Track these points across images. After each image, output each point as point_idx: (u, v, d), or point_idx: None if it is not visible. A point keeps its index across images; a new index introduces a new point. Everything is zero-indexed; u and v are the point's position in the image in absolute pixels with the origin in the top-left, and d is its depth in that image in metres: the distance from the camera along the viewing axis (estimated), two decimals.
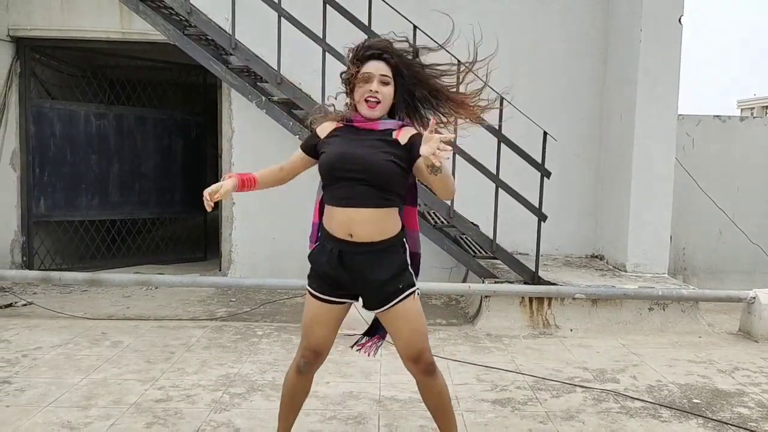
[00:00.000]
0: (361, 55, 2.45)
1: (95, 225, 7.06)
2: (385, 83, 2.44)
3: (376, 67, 2.43)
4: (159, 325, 4.90)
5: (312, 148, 2.60)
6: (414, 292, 2.50)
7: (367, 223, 2.41)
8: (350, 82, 2.48)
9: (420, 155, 2.18)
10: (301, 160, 2.66)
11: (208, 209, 2.53)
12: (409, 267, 2.53)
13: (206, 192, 2.47)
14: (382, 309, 2.49)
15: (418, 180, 2.53)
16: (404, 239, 2.54)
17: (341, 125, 2.55)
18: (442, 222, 5.45)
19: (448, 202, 5.20)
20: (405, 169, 2.42)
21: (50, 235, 6.85)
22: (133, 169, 7.21)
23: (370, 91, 2.42)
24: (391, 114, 2.54)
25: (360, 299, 2.58)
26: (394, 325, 2.51)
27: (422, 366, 2.50)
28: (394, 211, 2.48)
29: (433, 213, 5.71)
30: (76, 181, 6.82)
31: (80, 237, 6.99)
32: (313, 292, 2.55)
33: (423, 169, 2.24)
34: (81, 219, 6.94)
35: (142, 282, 5.34)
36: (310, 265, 2.58)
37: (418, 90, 2.52)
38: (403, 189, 2.49)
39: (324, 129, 2.58)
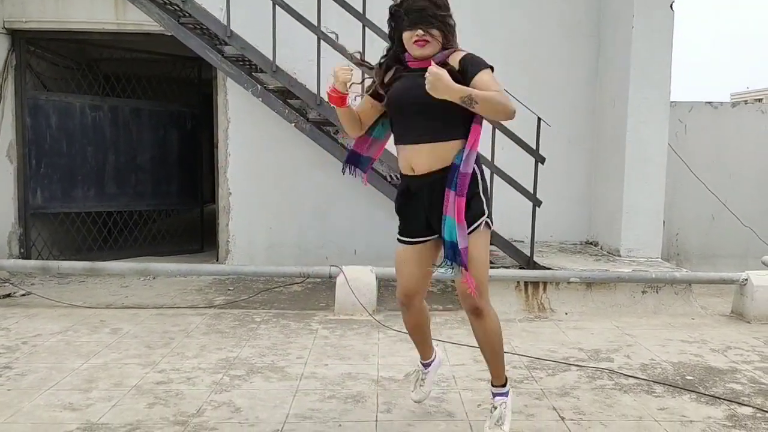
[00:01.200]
0: (396, 24, 2.60)
1: (92, 217, 7.08)
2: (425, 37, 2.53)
3: (412, 35, 2.54)
4: (158, 312, 4.93)
5: (376, 92, 2.72)
6: (482, 222, 2.59)
7: (426, 155, 2.56)
8: (397, 30, 2.60)
9: (473, 76, 2.45)
10: (370, 105, 2.77)
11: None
12: (481, 194, 2.61)
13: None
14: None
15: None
16: (475, 169, 2.58)
17: (399, 69, 2.64)
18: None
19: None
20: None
21: (47, 226, 6.87)
22: (129, 161, 7.23)
23: (418, 33, 2.52)
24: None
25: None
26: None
27: (473, 304, 2.64)
28: (456, 142, 2.56)
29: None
30: (72, 172, 6.83)
31: (77, 229, 7.02)
32: (398, 237, 2.79)
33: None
34: (78, 211, 6.96)
35: (140, 271, 5.37)
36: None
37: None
38: (464, 114, 2.49)
39: (385, 75, 2.69)
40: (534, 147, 5.02)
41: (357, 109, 2.78)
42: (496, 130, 5.04)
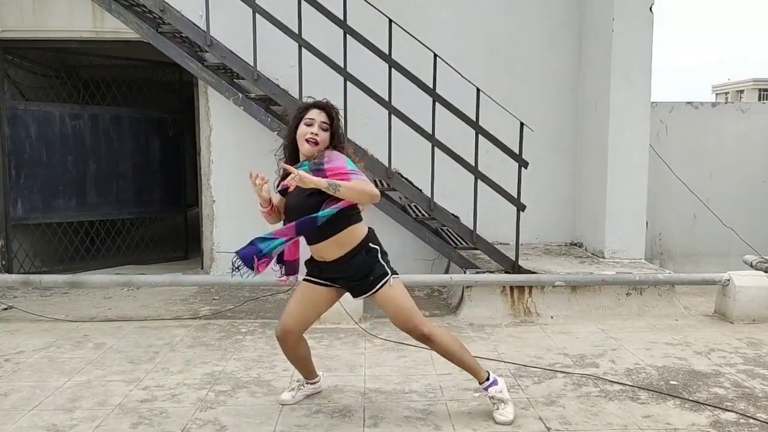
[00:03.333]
0: (305, 105, 3.04)
1: (74, 226, 7.00)
2: (324, 128, 2.98)
3: (318, 114, 2.98)
4: (142, 325, 4.89)
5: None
6: (387, 281, 3.03)
7: (332, 249, 3.01)
8: (295, 127, 3.03)
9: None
10: (280, 200, 3.19)
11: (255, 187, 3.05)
12: (380, 259, 3.05)
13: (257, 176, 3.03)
14: (367, 295, 3.07)
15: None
16: (369, 243, 3.05)
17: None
18: (423, 215, 5.49)
19: (428, 195, 5.24)
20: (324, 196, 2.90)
21: (28, 237, 6.78)
22: (111, 169, 7.15)
23: (311, 133, 2.95)
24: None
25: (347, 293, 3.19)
26: (384, 308, 3.10)
27: (417, 336, 3.07)
28: (350, 228, 3.01)
29: (414, 206, 5.76)
30: (53, 182, 6.74)
31: (59, 239, 6.93)
32: (306, 277, 3.17)
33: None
34: (59, 221, 6.87)
35: (123, 282, 5.32)
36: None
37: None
38: (344, 206, 2.94)
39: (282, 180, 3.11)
40: (517, 152, 5.03)
41: (276, 203, 3.16)
42: (479, 135, 5.05)
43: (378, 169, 5.24)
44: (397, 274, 3.12)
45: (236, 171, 6.44)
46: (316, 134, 2.96)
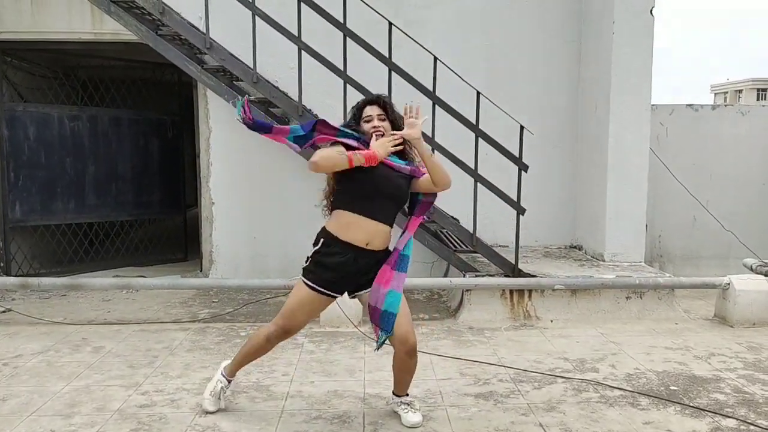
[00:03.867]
0: (358, 105, 3.16)
1: (72, 228, 6.99)
2: (382, 119, 3.07)
3: (372, 110, 3.09)
4: (141, 328, 4.88)
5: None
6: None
7: (383, 235, 3.05)
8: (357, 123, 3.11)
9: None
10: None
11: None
12: None
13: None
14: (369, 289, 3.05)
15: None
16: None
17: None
18: (423, 218, 5.47)
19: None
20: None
21: (27, 240, 6.77)
22: (110, 171, 7.14)
23: (374, 127, 3.05)
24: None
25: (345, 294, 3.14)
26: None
27: (409, 347, 3.07)
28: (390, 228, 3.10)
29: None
30: (51, 184, 6.73)
31: (57, 241, 6.92)
32: (311, 284, 3.03)
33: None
34: (58, 223, 6.86)
35: (122, 286, 5.30)
36: (310, 261, 3.06)
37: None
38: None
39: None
40: (517, 155, 5.02)
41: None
42: (479, 138, 5.04)
43: None
44: None
45: (235, 173, 6.43)
46: (379, 126, 3.05)
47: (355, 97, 5.11)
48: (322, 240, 3.04)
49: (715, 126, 6.97)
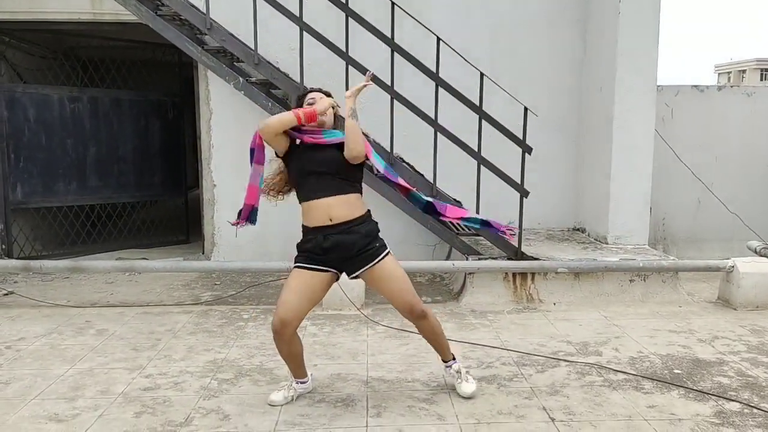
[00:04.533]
0: (302, 93, 3.29)
1: (74, 210, 6.97)
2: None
3: (316, 94, 3.19)
4: (144, 311, 4.88)
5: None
6: (389, 251, 3.13)
7: (342, 207, 3.06)
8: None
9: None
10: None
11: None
12: (379, 234, 3.15)
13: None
14: (369, 266, 3.07)
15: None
16: (370, 217, 3.18)
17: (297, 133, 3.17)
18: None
19: (431, 180, 5.20)
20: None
21: (29, 222, 6.75)
22: (111, 153, 7.09)
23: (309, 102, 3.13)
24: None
25: (343, 273, 3.17)
26: (383, 287, 3.12)
27: (415, 315, 3.15)
28: (359, 195, 3.15)
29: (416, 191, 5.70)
30: (52, 166, 6.69)
31: (59, 223, 6.91)
32: (297, 265, 3.11)
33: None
34: (59, 205, 6.84)
35: (124, 269, 5.30)
36: (296, 251, 3.17)
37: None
38: (361, 175, 3.18)
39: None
40: (521, 137, 4.97)
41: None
42: (482, 120, 4.99)
43: (379, 154, 5.18)
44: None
45: (237, 155, 6.37)
46: (313, 98, 3.15)
47: (357, 79, 5.08)
48: (302, 233, 3.18)
49: (720, 107, 6.90)
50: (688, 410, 3.15)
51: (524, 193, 5.08)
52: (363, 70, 4.93)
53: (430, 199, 3.39)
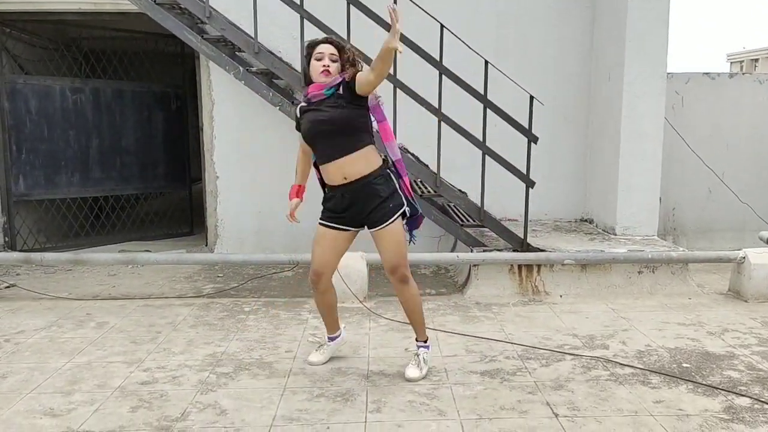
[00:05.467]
0: (313, 43, 3.25)
1: (77, 202, 6.94)
2: (333, 59, 3.17)
3: (326, 48, 3.18)
4: (145, 303, 4.83)
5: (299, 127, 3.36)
6: (402, 212, 3.24)
7: (357, 164, 3.17)
8: (308, 65, 3.23)
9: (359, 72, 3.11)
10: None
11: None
12: (398, 189, 3.26)
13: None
14: (384, 225, 3.20)
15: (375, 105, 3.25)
16: (388, 170, 3.27)
17: (304, 104, 3.29)
18: (429, 191, 5.36)
19: (435, 170, 5.11)
20: (359, 106, 3.16)
21: (32, 214, 6.73)
22: (114, 144, 7.05)
23: (323, 65, 3.15)
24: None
25: (365, 227, 3.33)
26: (382, 242, 3.24)
27: (398, 276, 3.27)
28: (372, 146, 3.23)
29: (421, 182, 5.62)
30: (55, 158, 6.66)
31: (63, 215, 6.88)
32: (321, 221, 3.35)
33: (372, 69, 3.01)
34: (62, 197, 6.81)
35: (125, 261, 5.26)
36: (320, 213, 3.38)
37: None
38: (367, 125, 3.23)
39: (298, 111, 3.36)
40: (527, 126, 4.87)
41: (301, 148, 3.45)
42: (487, 109, 4.89)
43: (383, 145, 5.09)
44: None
45: (239, 146, 6.33)
46: (328, 65, 3.13)
47: None
48: (323, 189, 3.39)
49: (732, 95, 6.75)
50: (697, 405, 3.06)
51: (530, 184, 4.98)
52: (365, 59, 4.85)
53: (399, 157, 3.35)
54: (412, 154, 5.59)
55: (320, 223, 3.35)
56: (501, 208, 6.15)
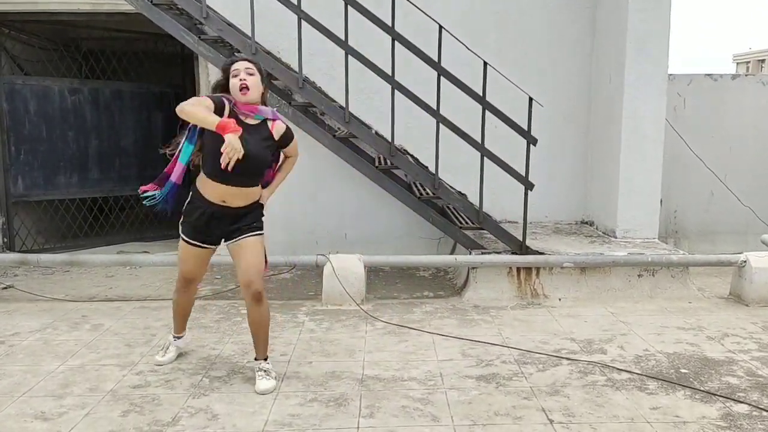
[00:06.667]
0: (228, 63, 3.23)
1: (76, 203, 6.93)
2: (250, 73, 3.14)
3: (240, 65, 3.16)
4: (141, 305, 4.81)
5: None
6: (262, 234, 3.31)
7: (239, 196, 3.22)
8: (226, 85, 3.19)
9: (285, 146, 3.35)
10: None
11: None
12: (263, 210, 3.36)
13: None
14: (237, 239, 3.25)
15: None
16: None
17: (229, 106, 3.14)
18: (428, 193, 5.33)
19: (433, 172, 5.08)
20: (274, 155, 3.34)
21: (30, 215, 6.72)
22: (113, 145, 7.04)
23: (240, 79, 3.10)
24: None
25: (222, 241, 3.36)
26: (239, 254, 3.25)
27: (252, 292, 3.24)
28: (259, 187, 3.32)
29: (420, 184, 5.59)
30: (53, 158, 6.65)
31: (61, 216, 6.87)
32: (184, 238, 3.34)
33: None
34: (61, 197, 6.80)
35: (122, 262, 5.25)
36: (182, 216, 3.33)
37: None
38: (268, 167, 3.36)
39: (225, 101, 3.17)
40: (526, 127, 4.83)
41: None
42: (486, 111, 4.85)
43: (381, 146, 5.07)
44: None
45: None
46: (245, 79, 3.10)
47: (358, 69, 4.97)
48: (191, 194, 3.29)
49: (735, 97, 6.70)
50: (694, 412, 3.02)
51: (529, 186, 4.94)
52: (364, 60, 4.82)
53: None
54: (413, 156, 5.55)
55: (185, 240, 3.32)
56: (501, 211, 6.11)
